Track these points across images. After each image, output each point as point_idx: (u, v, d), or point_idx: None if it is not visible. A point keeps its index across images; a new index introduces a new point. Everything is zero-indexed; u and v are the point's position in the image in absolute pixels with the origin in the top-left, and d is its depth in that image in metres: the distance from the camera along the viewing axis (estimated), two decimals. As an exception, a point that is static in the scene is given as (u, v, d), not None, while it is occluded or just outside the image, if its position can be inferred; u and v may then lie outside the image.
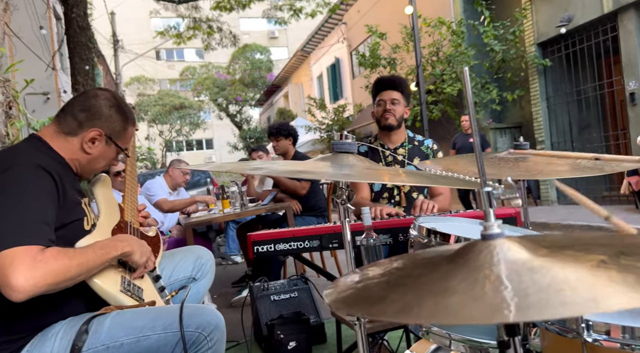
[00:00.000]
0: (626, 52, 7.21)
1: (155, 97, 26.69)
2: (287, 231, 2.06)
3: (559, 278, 0.40)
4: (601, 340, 0.67)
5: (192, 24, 13.17)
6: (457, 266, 0.47)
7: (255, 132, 23.39)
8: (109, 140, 1.44)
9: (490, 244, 0.49)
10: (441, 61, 9.20)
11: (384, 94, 2.42)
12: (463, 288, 0.41)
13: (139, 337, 1.23)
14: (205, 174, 9.41)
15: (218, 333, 1.31)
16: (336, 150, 0.82)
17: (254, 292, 2.90)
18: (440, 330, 0.93)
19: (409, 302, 0.42)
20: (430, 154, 2.48)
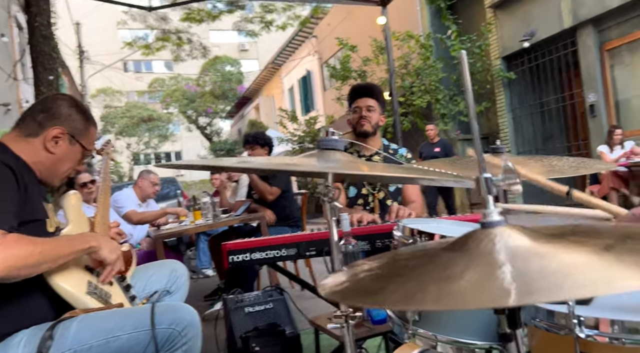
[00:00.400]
0: (585, 66, 7.51)
1: (122, 109, 26.18)
2: (263, 240, 2.02)
3: (566, 262, 0.38)
4: (594, 335, 0.66)
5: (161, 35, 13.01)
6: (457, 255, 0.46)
7: (225, 144, 23.19)
8: (72, 139, 1.41)
9: (491, 232, 0.47)
10: (410, 74, 9.36)
11: (360, 101, 2.44)
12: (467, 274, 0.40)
13: (109, 338, 1.18)
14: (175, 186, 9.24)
15: (193, 330, 1.26)
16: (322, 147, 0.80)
17: (227, 304, 2.82)
18: (426, 332, 0.91)
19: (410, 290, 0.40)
20: (404, 162, 2.50)
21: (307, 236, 2.00)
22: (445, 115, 8.90)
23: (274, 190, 3.77)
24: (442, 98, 8.87)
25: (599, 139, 7.17)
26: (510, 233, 0.47)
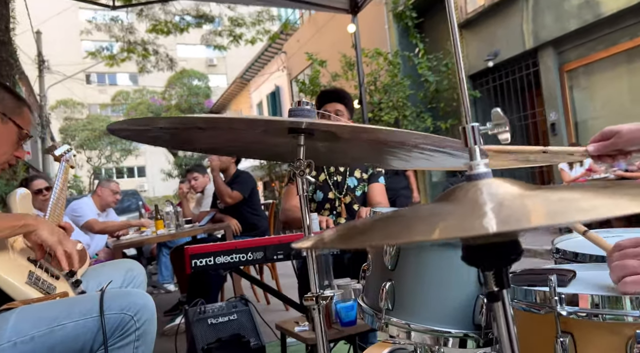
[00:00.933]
0: (546, 86, 7.81)
1: (84, 121, 25.46)
2: (228, 243, 1.95)
3: (565, 196, 0.36)
4: (576, 312, 0.64)
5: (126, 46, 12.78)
6: (444, 204, 0.43)
7: (191, 159, 22.81)
8: (4, 117, 1.35)
9: (478, 184, 0.45)
10: (379, 90, 9.50)
11: (328, 105, 2.43)
12: (456, 212, 0.36)
13: (53, 327, 1.10)
14: (137, 198, 8.99)
15: (147, 313, 1.19)
16: (293, 116, 0.76)
17: (189, 315, 2.71)
18: (399, 321, 0.87)
19: (396, 228, 0.37)
20: (370, 166, 2.49)
21: (274, 239, 1.94)
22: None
23: (234, 194, 3.69)
24: (410, 114, 9.03)
25: (559, 156, 7.43)
26: (499, 183, 0.44)
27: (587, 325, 0.63)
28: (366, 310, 0.94)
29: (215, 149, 0.98)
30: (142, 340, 1.16)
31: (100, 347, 1.11)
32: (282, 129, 0.74)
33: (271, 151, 0.94)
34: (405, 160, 0.88)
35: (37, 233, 1.21)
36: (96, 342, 1.11)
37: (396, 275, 0.90)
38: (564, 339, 0.63)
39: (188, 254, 1.90)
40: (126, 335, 1.14)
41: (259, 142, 0.82)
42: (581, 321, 0.63)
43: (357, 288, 1.61)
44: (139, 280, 1.58)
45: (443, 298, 0.88)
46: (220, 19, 12.49)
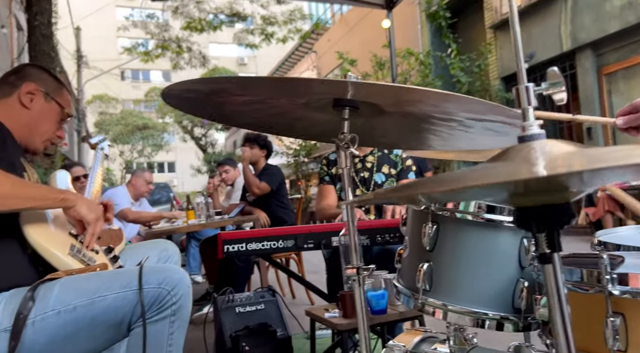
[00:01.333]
0: (583, 89, 7.60)
1: (117, 116, 26.13)
2: (260, 230, 1.97)
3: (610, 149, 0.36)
4: (630, 291, 0.62)
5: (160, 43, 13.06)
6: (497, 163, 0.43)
7: (220, 156, 23.13)
8: (47, 96, 1.42)
9: (530, 145, 0.44)
10: (409, 90, 9.44)
11: None
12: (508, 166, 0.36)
13: (94, 298, 1.13)
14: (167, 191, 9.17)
15: (183, 288, 1.21)
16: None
17: (217, 303, 2.75)
18: (435, 301, 0.86)
19: (451, 178, 0.37)
20: (399, 162, 2.47)
21: (305, 228, 1.96)
22: (443, 132, 8.95)
23: (262, 185, 3.72)
24: (440, 115, 8.94)
25: (595, 161, 7.22)
26: (554, 144, 0.44)
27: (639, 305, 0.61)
28: (402, 291, 0.94)
29: (259, 124, 0.99)
30: (177, 315, 1.18)
31: (139, 320, 1.14)
32: (327, 104, 0.75)
33: (315, 130, 0.95)
34: (445, 140, 0.87)
35: (75, 209, 1.25)
36: (134, 315, 1.14)
37: (434, 256, 0.90)
38: (615, 319, 0.62)
39: (221, 239, 1.93)
40: (163, 309, 1.16)
41: (302, 119, 0.82)
42: (633, 301, 0.61)
43: (387, 278, 1.61)
44: (174, 259, 1.62)
45: (482, 280, 0.87)
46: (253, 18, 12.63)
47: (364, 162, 2.47)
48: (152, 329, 1.14)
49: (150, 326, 1.13)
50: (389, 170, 2.46)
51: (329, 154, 2.61)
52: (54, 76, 1.48)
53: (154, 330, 1.14)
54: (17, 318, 1.06)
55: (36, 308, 1.09)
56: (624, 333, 0.62)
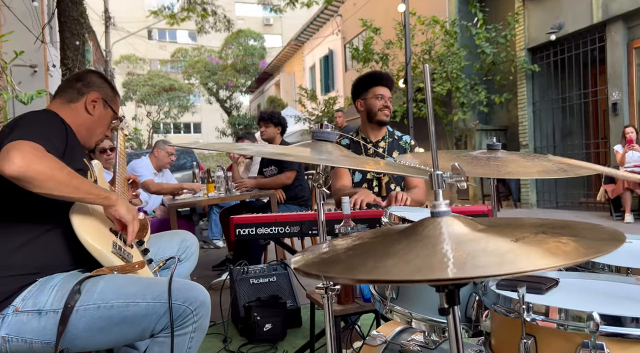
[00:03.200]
0: (612, 63, 7.38)
1: (144, 77, 26.40)
2: (269, 216, 2.13)
3: (489, 248, 0.48)
4: (538, 320, 0.76)
5: (186, 5, 13.02)
6: (404, 236, 0.55)
7: (244, 118, 23.31)
8: (105, 104, 1.63)
9: (437, 220, 0.57)
10: (433, 60, 9.29)
11: (382, 89, 2.51)
12: (404, 252, 0.49)
13: (129, 302, 1.30)
14: (192, 158, 9.40)
15: (204, 309, 1.38)
16: (316, 138, 0.90)
17: (233, 274, 2.97)
18: (402, 309, 1.01)
19: (354, 263, 0.50)
20: (408, 149, 2.59)
21: (310, 215, 2.11)
22: (465, 104, 8.85)
23: (289, 174, 3.92)
24: (463, 86, 8.81)
25: (618, 138, 7.10)
26: (453, 221, 0.56)
27: (547, 330, 0.75)
28: (375, 296, 1.09)
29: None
30: (197, 332, 1.36)
31: (161, 331, 1.32)
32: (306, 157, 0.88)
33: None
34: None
35: (116, 209, 1.43)
36: (158, 325, 1.32)
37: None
38: (527, 341, 0.76)
39: (233, 224, 2.11)
40: (185, 326, 1.34)
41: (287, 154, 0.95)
42: (542, 327, 0.75)
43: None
44: (192, 250, 1.80)
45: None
46: (278, -21, 12.42)
47: (376, 148, 2.58)
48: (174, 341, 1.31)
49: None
50: (399, 155, 2.58)
51: (340, 139, 2.73)
52: (109, 84, 1.68)
53: (175, 342, 1.32)
54: (66, 307, 1.26)
55: (81, 300, 1.28)
56: (534, 352, 0.76)
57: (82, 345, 1.31)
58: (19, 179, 1.18)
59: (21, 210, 1.34)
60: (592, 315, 0.70)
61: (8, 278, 1.29)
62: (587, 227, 0.59)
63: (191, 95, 27.32)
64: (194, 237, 1.85)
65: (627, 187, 6.53)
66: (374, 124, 2.54)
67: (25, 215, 1.35)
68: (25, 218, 1.35)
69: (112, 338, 1.32)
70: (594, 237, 0.53)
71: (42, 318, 1.26)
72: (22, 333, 1.25)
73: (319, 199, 0.94)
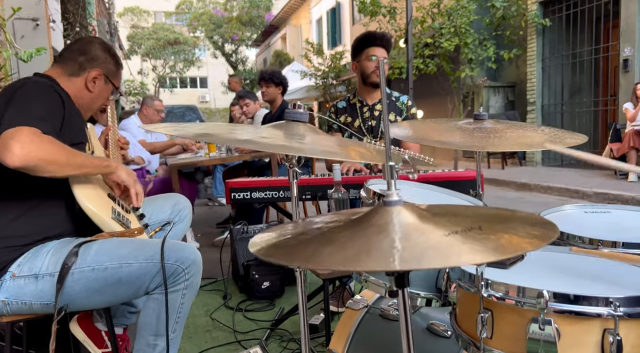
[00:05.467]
0: (625, 17, 7.12)
1: (149, 30, 25.88)
2: (263, 181, 2.17)
3: (420, 240, 0.52)
4: (495, 295, 0.80)
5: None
6: (355, 223, 0.59)
7: (250, 73, 23.00)
8: (107, 80, 1.63)
9: (389, 209, 0.60)
10: (442, 14, 8.99)
11: (377, 50, 2.46)
12: (345, 239, 0.52)
13: (122, 263, 1.37)
14: (196, 114, 9.39)
15: (194, 268, 1.44)
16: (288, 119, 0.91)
17: (233, 234, 3.06)
18: (377, 280, 1.06)
19: (297, 249, 0.53)
20: (404, 109, 2.58)
21: (303, 181, 2.15)
22: (473, 60, 8.64)
23: None
24: (471, 42, 8.57)
25: (627, 95, 6.96)
26: (405, 211, 0.59)
27: (502, 306, 0.80)
28: (352, 266, 1.14)
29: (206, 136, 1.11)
30: (189, 289, 1.43)
31: (155, 289, 1.40)
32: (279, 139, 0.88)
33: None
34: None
35: (117, 174, 1.49)
36: (152, 283, 1.39)
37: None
38: (485, 314, 0.81)
39: (228, 187, 2.15)
40: (177, 284, 1.41)
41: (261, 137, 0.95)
42: (498, 302, 0.80)
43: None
44: (184, 213, 1.85)
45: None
46: None
47: (372, 111, 2.57)
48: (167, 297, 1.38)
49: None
50: (395, 117, 2.57)
51: (337, 102, 2.71)
52: (114, 55, 1.66)
53: (169, 299, 1.39)
54: (63, 267, 1.32)
55: (77, 263, 1.34)
56: (491, 325, 0.81)
57: (80, 304, 1.40)
58: (22, 168, 1.21)
59: (16, 183, 1.37)
60: (542, 293, 0.74)
61: (6, 249, 1.35)
62: (524, 221, 0.61)
63: (196, 49, 26.88)
64: (186, 200, 1.90)
65: (633, 146, 6.48)
66: (368, 86, 2.52)
67: (21, 187, 1.38)
68: (20, 191, 1.39)
69: (108, 297, 1.40)
70: (526, 233, 0.56)
71: (38, 281, 1.33)
72: (20, 296, 1.33)
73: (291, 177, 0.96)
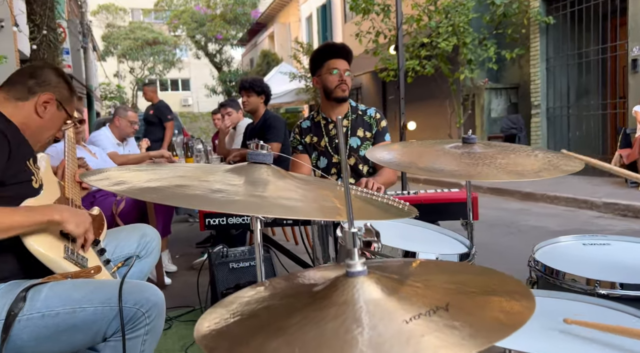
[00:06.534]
0: (634, 14, 7.19)
1: (126, 29, 25.88)
2: (240, 205, 2.14)
3: (379, 328, 0.50)
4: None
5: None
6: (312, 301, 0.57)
7: (236, 74, 23.01)
8: (59, 106, 1.59)
9: (352, 281, 0.58)
10: (438, 11, 9.06)
11: (338, 62, 2.41)
12: (297, 327, 0.50)
13: (76, 308, 1.33)
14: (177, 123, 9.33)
15: (156, 310, 1.41)
16: (251, 161, 0.89)
17: (212, 258, 3.01)
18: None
19: (254, 346, 0.51)
20: (374, 124, 2.53)
21: (285, 204, 2.11)
22: (472, 61, 8.70)
23: (273, 146, 3.77)
24: (471, 42, 8.64)
25: (637, 97, 7.02)
26: (369, 284, 0.57)
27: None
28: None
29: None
30: (150, 335, 1.40)
31: (112, 335, 1.36)
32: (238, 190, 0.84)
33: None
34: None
35: (64, 226, 1.43)
36: (110, 329, 1.35)
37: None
38: None
39: (202, 213, 2.12)
40: (137, 329, 1.37)
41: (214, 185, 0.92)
42: None
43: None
44: (152, 245, 1.82)
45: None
46: None
47: (336, 128, 2.53)
48: (126, 345, 1.34)
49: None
50: (364, 133, 2.51)
51: (301, 121, 2.68)
52: (67, 81, 1.63)
53: (127, 346, 1.35)
54: (9, 314, 1.28)
55: (25, 309, 1.30)
56: None
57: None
58: None
59: None
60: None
61: None
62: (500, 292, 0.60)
63: (177, 49, 26.90)
64: (154, 231, 1.86)
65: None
66: (332, 102, 2.46)
67: None
68: None
69: (62, 346, 1.36)
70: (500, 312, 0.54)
71: None
72: None
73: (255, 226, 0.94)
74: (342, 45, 2.49)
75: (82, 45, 16.51)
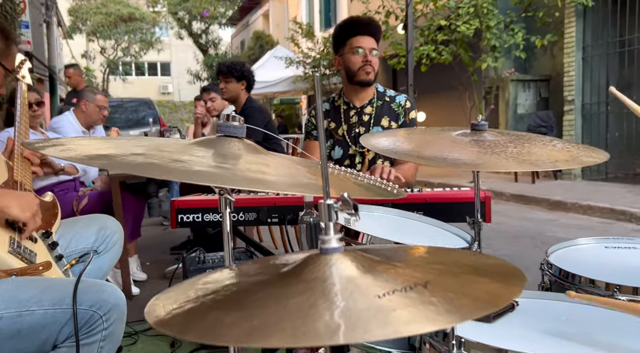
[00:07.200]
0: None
1: (96, 3, 25.91)
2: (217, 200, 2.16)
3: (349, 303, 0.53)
4: None
5: None
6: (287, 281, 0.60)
7: (224, 58, 23.05)
8: None
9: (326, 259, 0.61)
10: (459, -11, 9.11)
11: (363, 40, 2.45)
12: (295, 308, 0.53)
13: (22, 311, 1.34)
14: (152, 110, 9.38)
15: (116, 313, 1.42)
16: (221, 134, 0.91)
17: (187, 264, 3.04)
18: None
19: (208, 321, 0.53)
20: (402, 113, 2.57)
21: (270, 200, 2.13)
22: (497, 48, 8.73)
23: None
24: (495, 25, 8.67)
25: (686, 94, 7.06)
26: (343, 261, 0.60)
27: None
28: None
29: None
30: (108, 340, 1.40)
31: (64, 341, 1.36)
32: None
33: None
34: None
35: (7, 213, 1.44)
36: (61, 335, 1.35)
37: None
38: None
39: (174, 208, 2.14)
40: (92, 334, 1.37)
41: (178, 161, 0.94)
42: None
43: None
44: (113, 239, 1.83)
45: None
46: None
47: (360, 115, 2.56)
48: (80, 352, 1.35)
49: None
50: (389, 122, 2.55)
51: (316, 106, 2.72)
52: (2, 29, 1.62)
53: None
54: None
55: None
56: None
57: None
58: None
59: None
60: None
61: None
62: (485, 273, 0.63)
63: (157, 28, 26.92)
64: (117, 224, 1.88)
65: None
66: (355, 85, 2.52)
67: None
68: None
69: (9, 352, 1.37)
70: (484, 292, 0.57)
71: None
72: None
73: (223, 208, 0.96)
74: (369, 20, 2.52)
75: (45, 19, 16.49)
